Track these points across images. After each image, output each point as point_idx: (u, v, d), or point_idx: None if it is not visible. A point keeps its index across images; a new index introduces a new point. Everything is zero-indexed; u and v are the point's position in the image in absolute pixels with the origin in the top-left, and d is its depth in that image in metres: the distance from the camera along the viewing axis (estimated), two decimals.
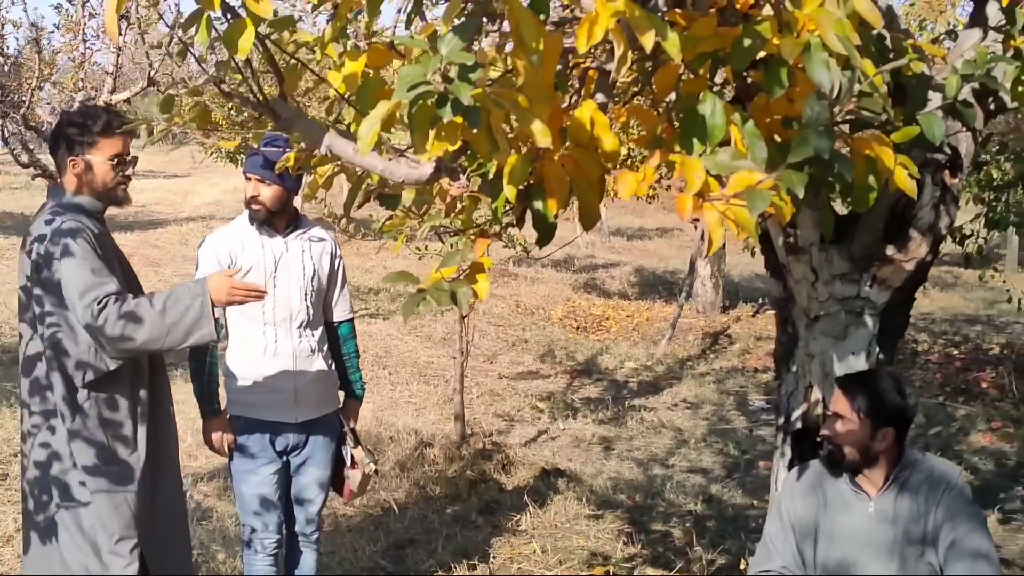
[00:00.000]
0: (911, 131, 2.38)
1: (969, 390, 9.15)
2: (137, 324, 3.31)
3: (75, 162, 3.58)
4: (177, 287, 3.47)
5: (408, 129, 2.07)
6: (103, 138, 3.56)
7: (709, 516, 5.99)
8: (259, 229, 4.13)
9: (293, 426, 4.15)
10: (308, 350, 4.18)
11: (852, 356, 3.37)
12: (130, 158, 3.65)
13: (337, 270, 4.37)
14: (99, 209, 3.64)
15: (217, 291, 3.42)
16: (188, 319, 3.36)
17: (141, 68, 9.79)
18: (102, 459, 3.48)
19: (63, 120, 3.70)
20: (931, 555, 3.07)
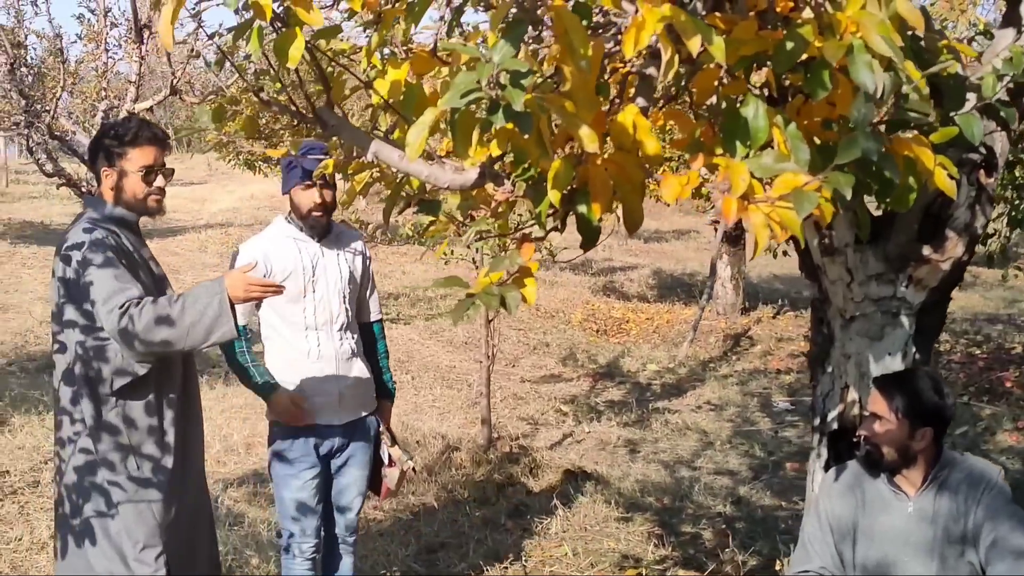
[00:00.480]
0: (950, 131, 2.39)
1: (993, 390, 9.12)
2: (158, 325, 3.33)
3: (108, 172, 3.60)
4: (195, 287, 3.47)
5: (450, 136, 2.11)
6: (132, 148, 3.57)
7: (738, 518, 5.99)
8: (299, 235, 4.17)
9: (337, 428, 4.19)
10: (349, 352, 4.23)
11: (888, 356, 3.38)
12: (163, 169, 3.64)
13: (368, 270, 4.45)
14: (132, 220, 3.66)
15: (234, 288, 3.40)
16: (207, 318, 3.36)
17: (164, 77, 9.87)
18: (128, 467, 3.51)
19: (100, 130, 3.73)
20: (971, 554, 3.08)
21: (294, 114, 2.55)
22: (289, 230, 4.19)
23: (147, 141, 3.58)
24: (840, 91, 2.22)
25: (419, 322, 12.33)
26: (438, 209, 2.70)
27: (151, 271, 3.68)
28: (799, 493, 6.43)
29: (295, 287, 4.09)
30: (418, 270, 16.72)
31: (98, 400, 3.48)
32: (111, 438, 3.49)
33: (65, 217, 22.02)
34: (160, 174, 3.63)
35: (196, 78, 10.18)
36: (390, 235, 15.15)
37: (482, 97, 1.87)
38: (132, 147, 3.57)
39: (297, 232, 4.18)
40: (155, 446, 3.56)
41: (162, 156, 3.64)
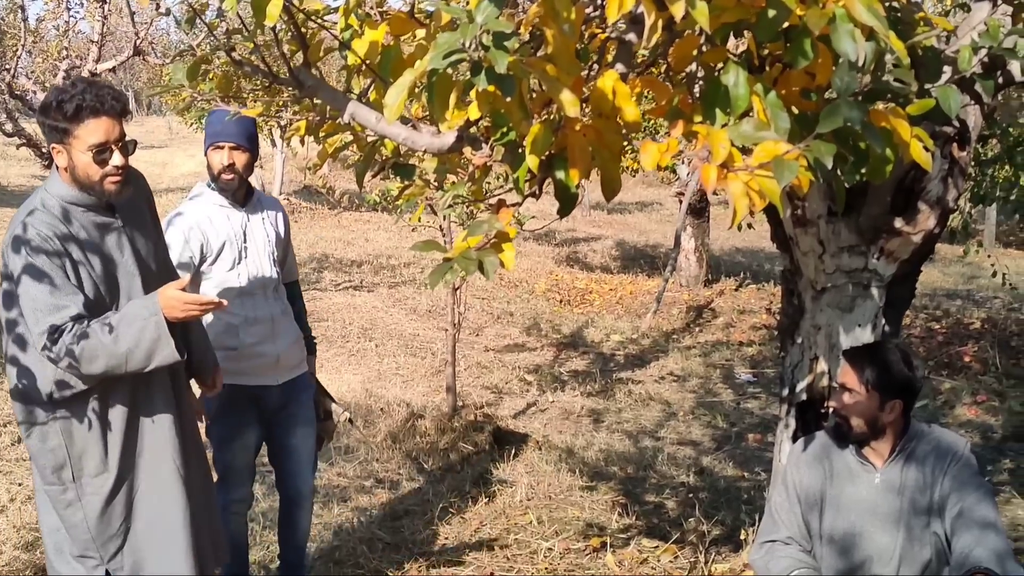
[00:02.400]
0: (927, 103, 2.38)
1: (952, 364, 9.22)
2: (92, 356, 3.02)
3: (56, 150, 3.14)
4: (129, 307, 3.13)
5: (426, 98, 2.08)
6: (77, 125, 3.06)
7: (701, 488, 6.03)
8: (223, 202, 4.13)
9: (274, 389, 4.19)
10: (281, 312, 4.23)
11: (858, 328, 3.40)
12: (120, 143, 3.12)
13: (288, 232, 4.44)
14: (88, 203, 3.19)
15: (170, 308, 3.07)
16: (145, 342, 3.05)
17: (126, 38, 9.73)
18: (59, 479, 3.25)
19: (43, 103, 3.18)
20: (937, 525, 3.11)
21: (266, 74, 2.51)
22: (215, 198, 4.14)
23: (93, 113, 3.04)
24: (820, 60, 2.20)
25: (383, 290, 12.29)
26: (412, 173, 2.67)
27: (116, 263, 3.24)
28: (761, 464, 6.48)
29: (230, 255, 4.09)
30: (382, 237, 16.66)
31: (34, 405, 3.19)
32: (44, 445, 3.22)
33: (23, 178, 21.78)
34: (116, 150, 3.11)
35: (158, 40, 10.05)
36: (357, 201, 15.06)
37: (464, 58, 1.84)
38: (77, 123, 3.05)
39: (223, 200, 4.14)
40: (92, 458, 3.24)
41: (116, 128, 3.10)
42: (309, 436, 4.34)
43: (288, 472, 4.34)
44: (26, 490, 5.51)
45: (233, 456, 4.17)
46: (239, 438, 4.16)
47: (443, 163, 2.54)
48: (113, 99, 3.10)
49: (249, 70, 2.53)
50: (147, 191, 3.49)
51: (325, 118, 2.79)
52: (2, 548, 4.87)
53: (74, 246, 3.11)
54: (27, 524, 5.07)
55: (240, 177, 4.09)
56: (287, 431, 4.28)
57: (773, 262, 16.23)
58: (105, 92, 3.10)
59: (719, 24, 2.18)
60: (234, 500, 4.21)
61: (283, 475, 4.36)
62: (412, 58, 2.42)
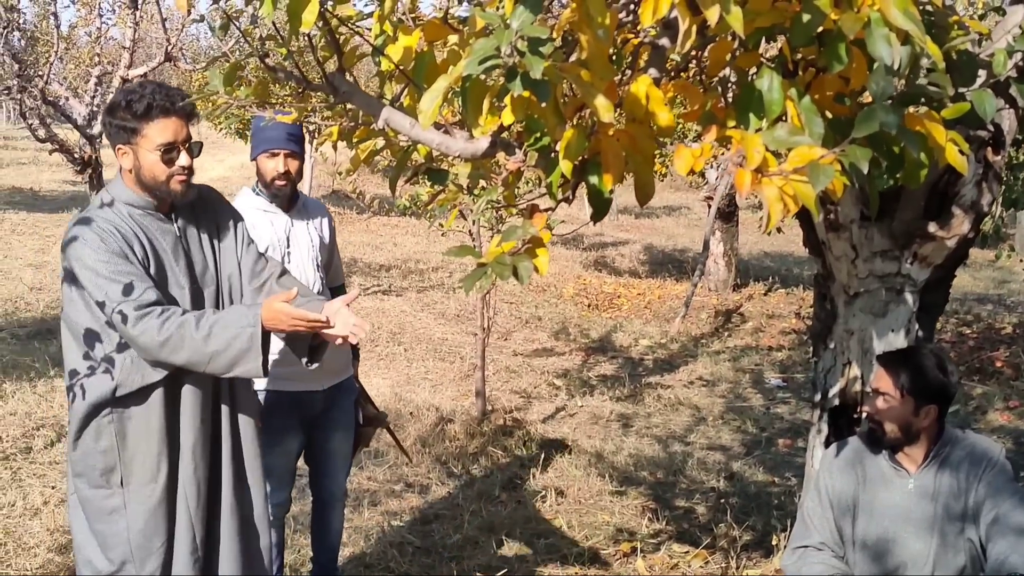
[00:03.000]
0: (962, 107, 2.37)
1: (984, 369, 9.15)
2: (177, 346, 2.97)
3: (123, 151, 3.12)
4: (228, 311, 3.10)
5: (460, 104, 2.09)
6: (147, 123, 3.06)
7: (732, 493, 6.01)
8: (268, 207, 4.15)
9: (318, 394, 4.21)
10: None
11: (892, 333, 3.38)
12: (187, 144, 3.13)
13: (334, 235, 4.45)
14: (149, 205, 3.17)
15: (275, 321, 3.04)
16: (233, 349, 3.01)
17: (157, 44, 9.80)
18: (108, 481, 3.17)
19: (111, 103, 3.16)
20: (971, 531, 3.09)
21: (300, 80, 2.53)
22: (258, 202, 4.15)
23: (163, 112, 3.05)
24: (854, 65, 2.20)
25: (411, 294, 12.31)
26: (446, 178, 2.68)
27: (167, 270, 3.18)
28: (792, 469, 6.46)
29: (274, 258, 4.03)
30: (410, 242, 16.70)
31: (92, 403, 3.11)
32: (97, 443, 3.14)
33: (54, 184, 21.95)
34: (183, 150, 3.12)
35: (188, 46, 10.12)
36: (387, 206, 15.12)
37: (500, 64, 1.85)
38: (146, 122, 3.06)
39: (267, 204, 4.15)
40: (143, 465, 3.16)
41: (185, 128, 3.12)
42: (347, 440, 4.36)
43: (323, 474, 4.36)
44: (59, 493, 5.55)
45: (274, 461, 4.15)
46: (280, 444, 4.17)
47: (476, 168, 2.55)
48: (183, 100, 3.11)
49: (283, 76, 2.55)
50: (220, 207, 3.42)
51: (358, 124, 2.80)
52: (36, 551, 4.91)
53: (136, 244, 3.08)
54: (60, 527, 5.10)
55: (293, 183, 4.13)
56: (326, 434, 4.29)
57: (802, 266, 16.17)
58: (175, 93, 3.12)
59: (753, 29, 2.18)
60: (272, 505, 4.20)
61: (317, 477, 4.38)
62: (445, 64, 2.43)
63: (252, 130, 4.20)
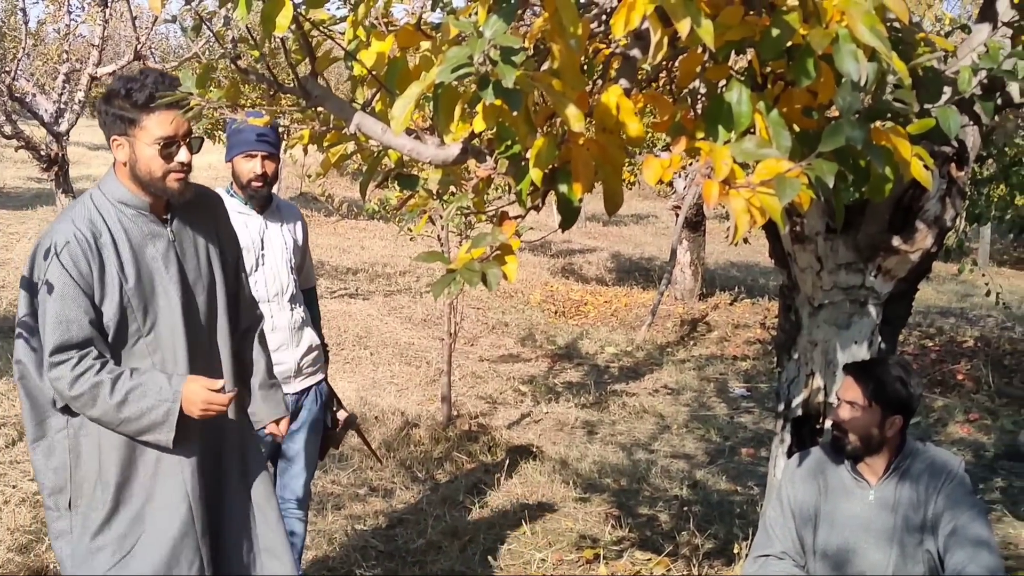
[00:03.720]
0: (927, 123, 2.40)
1: (945, 382, 9.24)
2: (88, 403, 2.84)
3: (117, 142, 2.94)
4: (149, 379, 2.89)
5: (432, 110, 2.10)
6: (147, 115, 2.87)
7: (695, 501, 6.04)
8: (242, 208, 4.13)
9: (290, 396, 4.18)
10: (300, 322, 4.25)
11: (855, 345, 3.42)
12: (187, 139, 2.95)
13: (307, 238, 4.45)
14: (143, 205, 2.99)
15: (190, 403, 2.89)
16: (146, 421, 2.86)
17: (127, 42, 9.75)
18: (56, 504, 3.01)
19: (109, 90, 2.97)
20: (930, 543, 3.13)
21: (271, 83, 2.53)
22: (233, 204, 4.09)
23: (167, 105, 2.81)
24: (822, 79, 2.23)
25: (378, 298, 12.29)
26: (416, 183, 2.69)
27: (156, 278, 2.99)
28: (754, 478, 6.50)
29: (246, 262, 4.00)
30: (378, 245, 16.66)
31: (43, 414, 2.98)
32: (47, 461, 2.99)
33: (19, 180, 21.71)
34: (184, 145, 2.94)
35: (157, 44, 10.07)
36: (356, 209, 15.08)
37: (472, 72, 1.86)
38: (147, 113, 2.87)
39: (241, 206, 4.14)
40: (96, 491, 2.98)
41: (185, 123, 2.93)
42: (314, 442, 4.34)
43: (288, 476, 4.33)
44: (20, 492, 5.50)
45: None
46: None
47: (447, 175, 2.56)
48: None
49: (254, 78, 2.55)
50: (218, 212, 3.29)
51: (329, 127, 2.80)
52: None
53: (110, 251, 2.90)
54: (21, 527, 5.07)
55: (269, 185, 4.13)
56: (293, 436, 4.27)
57: (768, 277, 16.27)
58: (178, 85, 2.76)
59: (723, 42, 2.20)
60: None
61: (282, 479, 4.35)
62: (417, 70, 2.44)
63: (228, 132, 4.17)
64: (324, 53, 2.48)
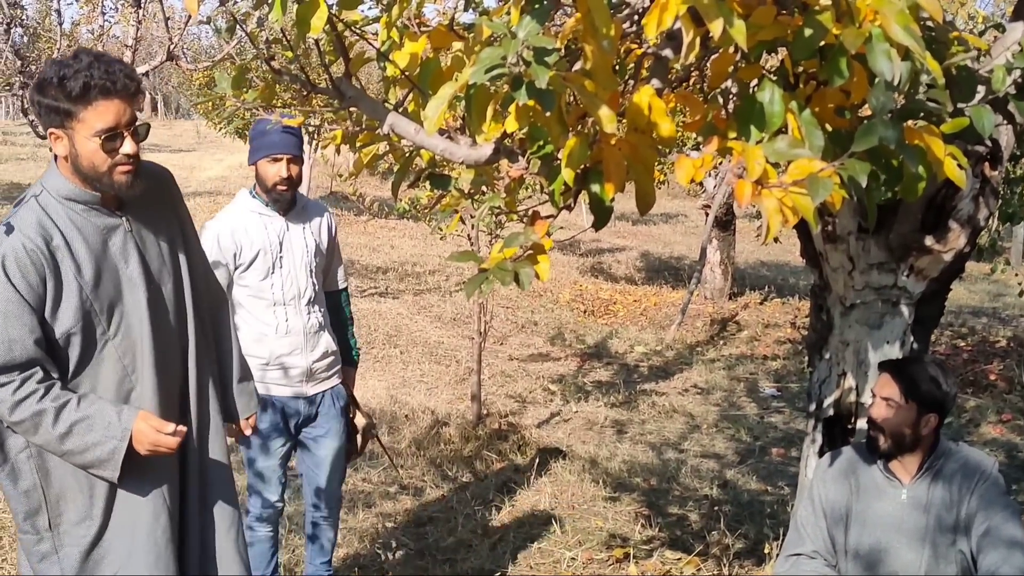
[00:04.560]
0: (961, 122, 2.39)
1: (977, 382, 9.18)
2: (30, 429, 2.67)
3: (55, 135, 2.67)
4: (97, 412, 2.70)
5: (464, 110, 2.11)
6: (82, 106, 2.60)
7: (725, 501, 6.03)
8: (263, 210, 4.12)
9: (303, 399, 4.22)
10: (316, 325, 4.22)
11: (887, 345, 3.41)
12: (131, 128, 2.67)
13: (335, 241, 4.41)
14: (93, 200, 2.75)
15: (139, 442, 2.71)
16: (90, 456, 2.70)
17: (159, 42, 9.82)
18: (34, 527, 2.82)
19: (39, 79, 2.67)
20: (963, 543, 3.11)
21: (305, 84, 2.55)
22: (254, 205, 4.13)
23: (103, 93, 2.59)
24: (855, 79, 2.22)
25: (407, 297, 12.33)
26: (448, 183, 2.70)
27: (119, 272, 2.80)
28: (785, 478, 6.48)
29: (263, 264, 4.08)
30: (407, 244, 16.71)
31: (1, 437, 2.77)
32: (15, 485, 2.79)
33: None
34: (128, 136, 2.67)
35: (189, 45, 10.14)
36: (387, 208, 15.14)
37: (505, 72, 1.87)
38: (83, 105, 2.60)
39: (262, 207, 4.13)
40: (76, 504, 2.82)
41: (128, 110, 2.65)
42: (336, 445, 4.32)
43: (315, 480, 4.34)
44: None
45: (261, 464, 4.17)
46: (266, 447, 4.17)
47: (479, 174, 2.57)
48: (126, 77, 2.64)
49: (288, 79, 2.57)
50: (172, 191, 3.05)
51: (361, 128, 2.82)
52: None
53: (65, 254, 2.69)
54: None
55: (294, 188, 4.09)
56: (315, 440, 4.27)
57: (798, 276, 16.20)
58: (116, 68, 2.63)
59: (756, 42, 2.20)
60: (262, 508, 4.23)
61: (310, 483, 4.36)
62: (450, 70, 2.45)
63: (251, 135, 4.10)
64: (357, 54, 2.49)
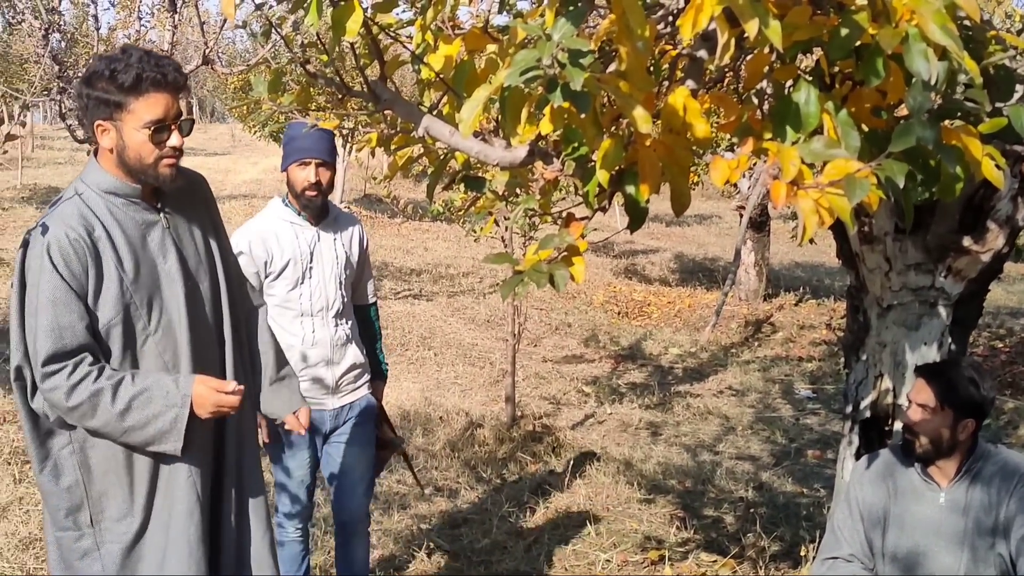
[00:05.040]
0: (999, 122, 2.37)
1: (1016, 384, 9.09)
2: (87, 413, 2.67)
3: (102, 128, 2.72)
4: (154, 383, 2.72)
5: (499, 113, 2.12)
6: (135, 98, 2.66)
7: (760, 503, 6.00)
8: (295, 218, 4.04)
9: (327, 412, 4.13)
10: (344, 338, 4.13)
11: (924, 346, 3.38)
12: (178, 122, 2.74)
13: (366, 254, 4.33)
14: (134, 193, 2.80)
15: (201, 406, 2.73)
16: (152, 429, 2.70)
17: (195, 47, 9.90)
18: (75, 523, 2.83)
19: (89, 71, 2.73)
20: (1002, 546, 3.09)
21: (340, 87, 2.56)
22: (286, 213, 4.05)
23: (155, 86, 2.65)
24: (891, 79, 2.21)
25: (441, 299, 12.35)
26: (483, 185, 2.71)
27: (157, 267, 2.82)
28: (821, 481, 6.44)
29: (293, 274, 4.01)
30: (441, 247, 16.75)
31: (45, 433, 2.80)
32: (58, 482, 2.80)
33: None
34: (175, 129, 2.74)
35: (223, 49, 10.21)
36: (421, 211, 15.18)
37: (540, 75, 1.87)
38: (134, 96, 2.66)
39: (294, 216, 4.05)
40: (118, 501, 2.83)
41: (176, 103, 2.72)
42: (363, 457, 4.22)
43: (341, 495, 4.23)
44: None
45: (288, 474, 4.10)
46: (292, 456, 4.08)
47: (514, 176, 2.57)
48: (175, 71, 2.72)
49: (323, 82, 2.58)
50: (207, 195, 3.11)
51: (396, 131, 2.83)
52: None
53: (107, 246, 2.72)
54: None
55: (324, 194, 4.00)
56: (340, 450, 4.18)
57: (833, 277, 16.11)
58: (166, 63, 2.71)
59: (791, 42, 2.19)
60: (290, 519, 4.14)
61: (336, 497, 4.25)
62: (484, 73, 2.45)
63: (284, 140, 4.07)
64: (392, 57, 2.50)
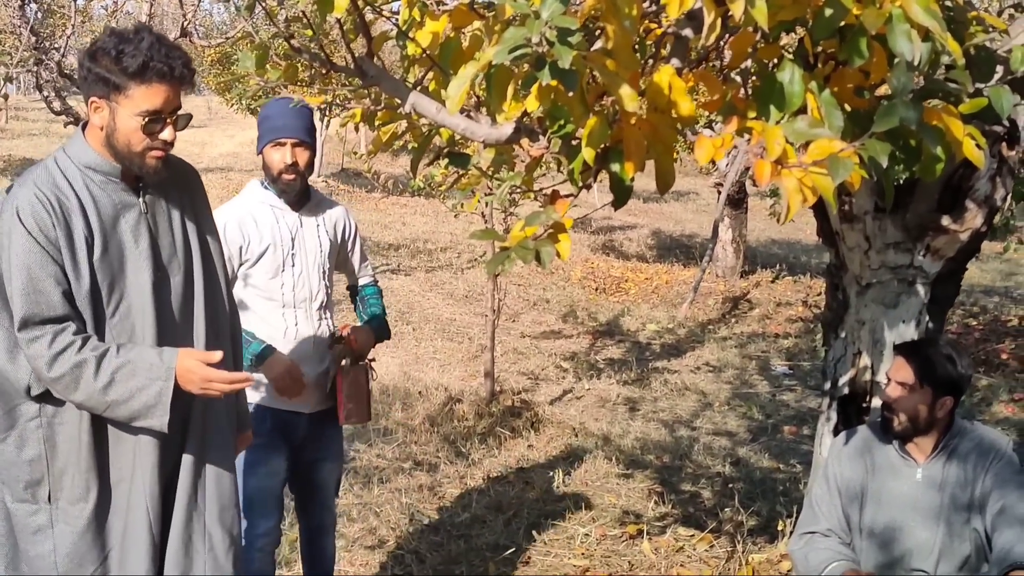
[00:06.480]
0: (980, 102, 2.39)
1: (989, 361, 9.18)
2: (71, 385, 2.56)
3: (96, 105, 2.62)
4: (137, 355, 2.61)
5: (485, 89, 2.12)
6: (137, 84, 2.56)
7: (737, 478, 6.05)
8: (275, 202, 3.79)
9: (303, 416, 3.84)
10: (327, 334, 3.89)
11: (902, 324, 3.42)
12: (174, 116, 2.66)
13: (354, 239, 4.08)
14: (114, 172, 2.69)
15: (187, 381, 2.62)
16: (136, 403, 2.59)
17: (172, 19, 9.84)
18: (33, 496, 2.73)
19: (97, 45, 2.63)
20: (977, 521, 3.13)
21: (325, 62, 2.56)
22: (266, 196, 3.79)
23: (159, 77, 2.56)
24: (875, 59, 2.23)
25: (419, 274, 12.36)
26: (468, 162, 2.72)
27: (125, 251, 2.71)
28: (797, 456, 6.50)
29: (273, 261, 3.74)
30: (419, 221, 16.74)
31: (12, 405, 2.71)
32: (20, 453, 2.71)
33: None
34: (170, 123, 2.66)
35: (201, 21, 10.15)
36: (401, 186, 15.16)
37: (528, 53, 1.88)
38: (136, 82, 2.56)
39: (275, 199, 3.78)
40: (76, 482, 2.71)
41: (177, 98, 2.63)
42: (335, 471, 4.03)
43: (313, 505, 4.03)
44: None
45: (259, 482, 3.77)
46: (265, 464, 3.78)
47: (499, 153, 2.58)
48: (184, 65, 2.62)
49: (308, 57, 2.57)
50: (196, 188, 3.00)
51: (380, 106, 2.83)
52: None
53: (78, 217, 2.61)
54: None
55: (302, 177, 3.74)
56: (314, 464, 3.95)
57: (810, 254, 16.19)
58: (176, 55, 2.61)
59: (776, 22, 2.20)
60: (259, 535, 3.81)
61: (307, 506, 4.05)
62: (470, 50, 2.46)
63: (258, 120, 3.82)
64: (381, 33, 2.50)
